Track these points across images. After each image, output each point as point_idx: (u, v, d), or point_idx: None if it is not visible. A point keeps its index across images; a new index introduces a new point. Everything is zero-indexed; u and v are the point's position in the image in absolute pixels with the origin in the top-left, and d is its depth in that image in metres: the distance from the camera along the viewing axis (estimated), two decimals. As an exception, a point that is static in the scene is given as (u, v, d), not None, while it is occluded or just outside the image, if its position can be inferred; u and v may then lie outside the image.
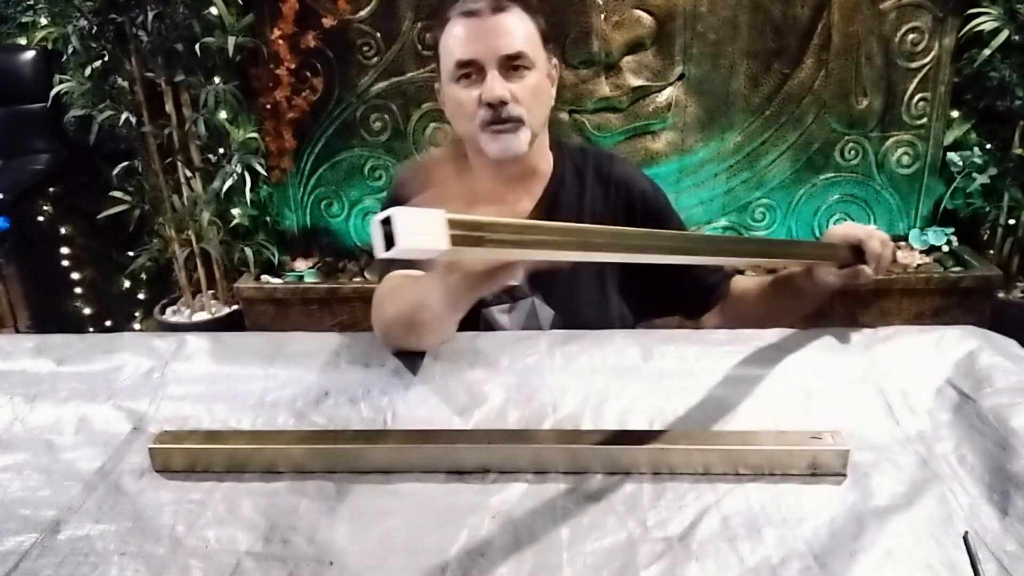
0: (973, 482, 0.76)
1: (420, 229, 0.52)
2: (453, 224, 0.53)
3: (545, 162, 1.21)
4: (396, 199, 1.16)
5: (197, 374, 0.97)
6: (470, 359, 0.96)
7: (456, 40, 1.09)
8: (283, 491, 0.79)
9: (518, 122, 1.09)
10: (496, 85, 1.06)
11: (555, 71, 1.18)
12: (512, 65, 1.08)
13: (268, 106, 2.51)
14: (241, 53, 2.44)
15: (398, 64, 2.51)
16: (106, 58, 2.42)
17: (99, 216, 2.57)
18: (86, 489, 0.80)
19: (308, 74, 2.53)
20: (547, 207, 1.19)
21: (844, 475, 0.78)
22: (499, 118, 1.08)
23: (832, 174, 2.60)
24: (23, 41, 2.87)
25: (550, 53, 1.16)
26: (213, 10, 2.35)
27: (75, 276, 2.82)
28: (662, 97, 2.52)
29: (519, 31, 1.09)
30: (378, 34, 2.49)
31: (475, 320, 1.18)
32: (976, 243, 2.62)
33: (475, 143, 1.12)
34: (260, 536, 0.73)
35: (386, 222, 0.52)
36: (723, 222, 2.67)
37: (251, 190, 2.54)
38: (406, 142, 2.62)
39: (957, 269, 2.51)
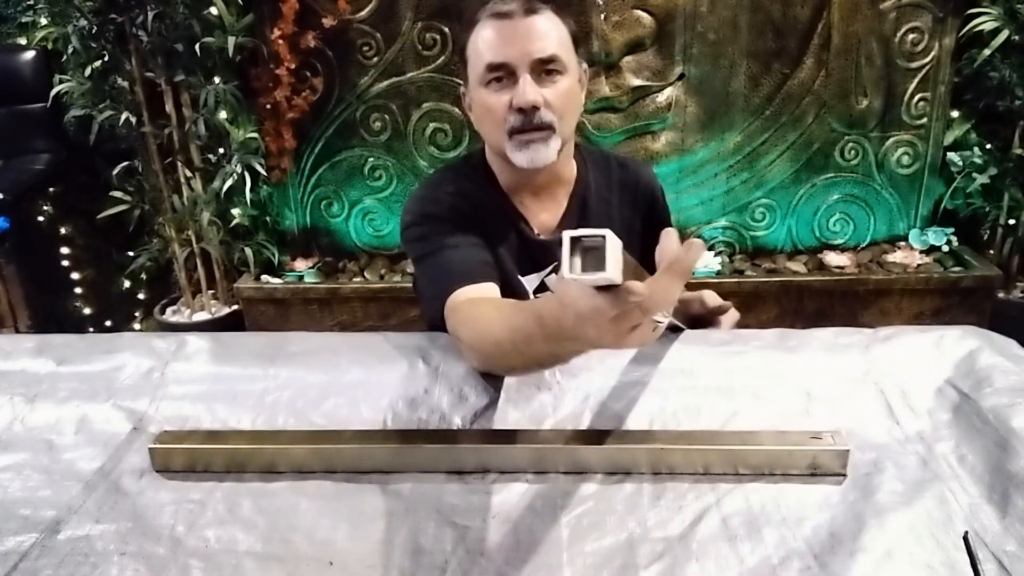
0: (973, 482, 0.76)
1: (615, 257, 0.53)
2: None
3: (569, 168, 1.18)
4: (422, 215, 1.13)
5: (197, 374, 0.97)
6: (470, 359, 0.95)
7: (486, 43, 1.05)
8: (283, 491, 0.79)
9: (549, 129, 1.05)
10: (528, 90, 1.03)
11: (585, 76, 1.14)
12: (545, 69, 1.04)
13: (268, 106, 2.51)
14: (241, 53, 2.44)
15: (398, 64, 2.51)
16: (106, 58, 2.42)
17: (99, 216, 2.58)
18: (86, 489, 0.80)
19: (308, 74, 2.53)
20: (576, 214, 1.17)
21: (844, 475, 0.78)
22: (530, 124, 1.04)
23: (832, 174, 2.60)
24: (23, 41, 2.87)
25: (580, 57, 1.12)
26: (213, 10, 2.35)
27: (75, 276, 2.82)
28: (662, 97, 2.52)
29: (552, 34, 1.05)
30: (378, 34, 2.49)
31: None
32: (976, 243, 2.62)
33: (502, 150, 1.09)
34: (260, 536, 0.73)
35: (577, 242, 0.52)
36: (723, 222, 2.67)
37: (251, 190, 2.54)
38: (406, 142, 2.62)
39: (957, 269, 2.52)
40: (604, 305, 0.60)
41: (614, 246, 0.53)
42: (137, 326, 2.94)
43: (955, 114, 2.51)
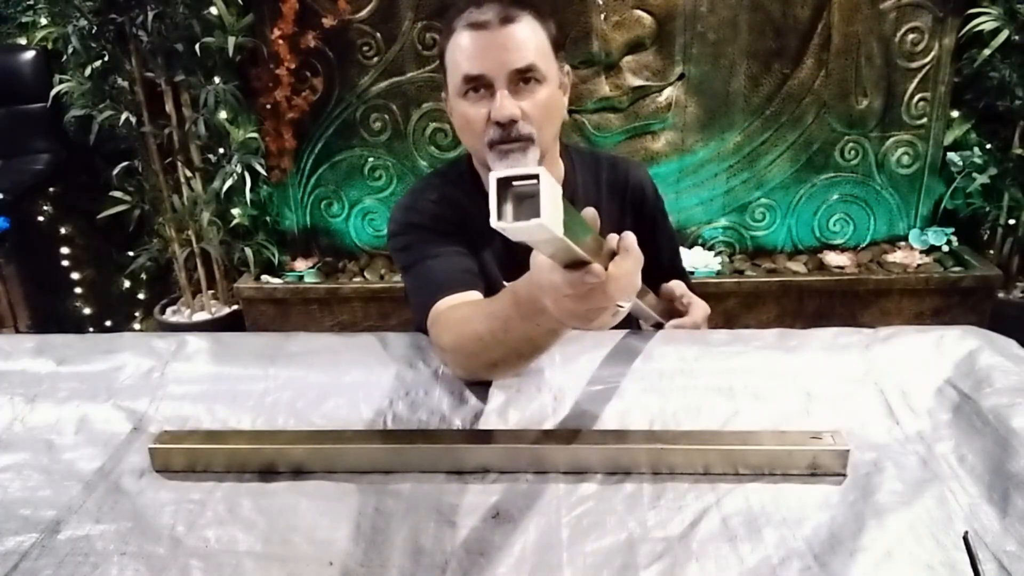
0: (973, 482, 0.76)
1: (553, 202, 0.46)
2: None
3: (556, 171, 1.17)
4: (406, 224, 1.14)
5: (197, 374, 0.97)
6: (470, 359, 0.95)
7: (463, 53, 1.03)
8: (283, 491, 0.79)
9: (528, 140, 1.03)
10: (506, 104, 1.01)
11: (567, 79, 1.12)
12: (523, 79, 1.02)
13: (268, 106, 2.51)
14: (241, 53, 2.44)
15: (398, 64, 2.51)
16: (106, 58, 2.42)
17: (99, 216, 2.58)
18: (86, 489, 0.80)
19: (308, 74, 2.53)
20: None
21: (844, 475, 0.78)
22: (509, 137, 1.02)
23: (832, 174, 2.60)
24: (23, 41, 2.87)
25: (561, 61, 1.09)
26: (213, 10, 2.35)
27: (75, 276, 2.82)
28: (662, 97, 2.52)
29: (530, 43, 1.02)
30: (378, 34, 2.49)
31: None
32: (976, 243, 2.62)
33: (483, 160, 1.09)
34: (260, 536, 0.73)
35: (505, 183, 0.45)
36: (723, 222, 2.67)
37: (251, 190, 2.54)
38: (406, 142, 2.62)
39: (957, 269, 2.51)
40: (561, 281, 0.62)
41: (551, 190, 0.47)
42: (137, 326, 2.94)
43: (955, 114, 2.51)
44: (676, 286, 1.15)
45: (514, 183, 0.47)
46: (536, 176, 0.46)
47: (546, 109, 1.05)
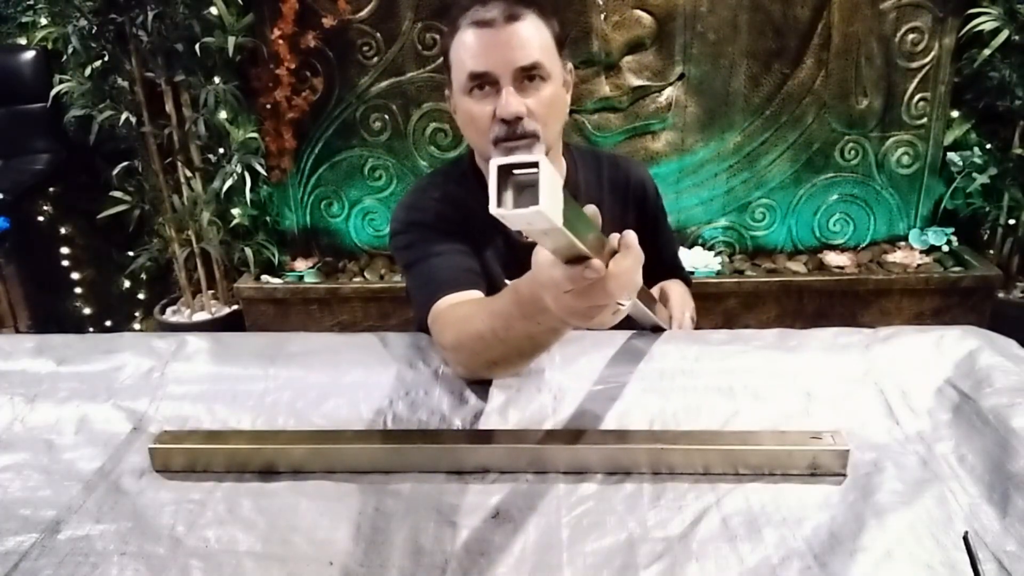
0: (973, 482, 0.76)
1: (553, 192, 0.46)
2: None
3: (558, 168, 1.17)
4: (408, 223, 1.14)
5: (197, 374, 0.97)
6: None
7: (468, 51, 1.03)
8: (283, 491, 0.79)
9: (533, 137, 1.04)
10: (512, 101, 1.01)
11: (570, 76, 1.12)
12: (527, 76, 1.03)
13: (268, 106, 2.50)
14: (241, 53, 2.44)
15: (398, 64, 2.51)
16: (106, 58, 2.42)
17: (99, 216, 2.58)
18: (86, 489, 0.80)
19: (308, 74, 2.53)
20: None
21: (844, 475, 0.78)
22: (514, 134, 1.03)
23: (832, 174, 2.60)
24: (23, 41, 2.87)
25: (564, 59, 1.10)
26: (213, 10, 2.35)
27: (75, 276, 2.82)
28: (662, 97, 2.52)
29: (535, 40, 1.03)
30: (378, 34, 2.49)
31: None
32: (976, 243, 2.62)
33: (487, 157, 1.08)
34: (260, 536, 0.73)
35: (506, 171, 0.45)
36: (723, 222, 2.67)
37: (251, 190, 2.54)
38: (406, 142, 2.62)
39: (957, 269, 2.51)
40: (561, 276, 0.62)
41: (551, 178, 0.46)
42: (137, 326, 2.94)
43: (955, 114, 2.51)
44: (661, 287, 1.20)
45: (515, 171, 0.47)
46: (536, 164, 0.46)
47: (551, 106, 1.06)
